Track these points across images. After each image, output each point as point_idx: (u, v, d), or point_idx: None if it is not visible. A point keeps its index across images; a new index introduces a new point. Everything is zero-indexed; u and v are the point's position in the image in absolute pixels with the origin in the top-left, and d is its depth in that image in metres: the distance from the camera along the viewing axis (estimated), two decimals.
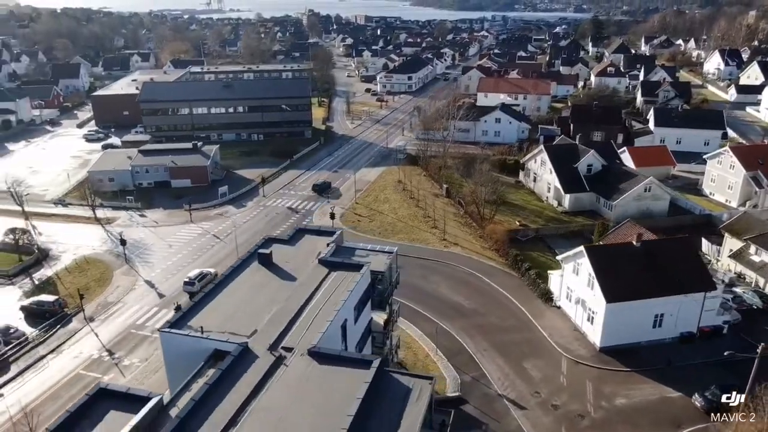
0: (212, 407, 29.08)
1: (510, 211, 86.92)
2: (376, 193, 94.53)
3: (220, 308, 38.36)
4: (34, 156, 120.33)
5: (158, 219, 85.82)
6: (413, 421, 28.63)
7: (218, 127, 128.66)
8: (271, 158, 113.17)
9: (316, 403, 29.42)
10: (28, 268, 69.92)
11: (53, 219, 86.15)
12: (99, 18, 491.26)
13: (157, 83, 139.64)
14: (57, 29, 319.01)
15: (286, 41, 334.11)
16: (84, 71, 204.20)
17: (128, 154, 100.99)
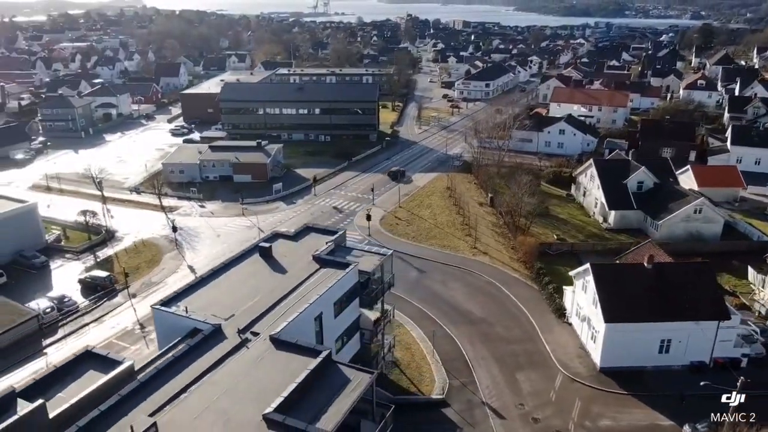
0: (171, 376, 33.08)
1: (552, 224, 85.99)
2: (422, 198, 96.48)
3: (210, 292, 42.61)
4: (125, 147, 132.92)
5: (214, 210, 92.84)
6: (341, 408, 31.06)
7: (289, 127, 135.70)
8: (331, 159, 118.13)
9: (260, 382, 32.59)
10: (95, 246, 78.56)
11: (126, 204, 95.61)
12: (210, 20, 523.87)
13: (237, 84, 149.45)
14: (169, 30, 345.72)
15: (379, 45, 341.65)
16: (184, 70, 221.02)
17: (200, 149, 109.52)
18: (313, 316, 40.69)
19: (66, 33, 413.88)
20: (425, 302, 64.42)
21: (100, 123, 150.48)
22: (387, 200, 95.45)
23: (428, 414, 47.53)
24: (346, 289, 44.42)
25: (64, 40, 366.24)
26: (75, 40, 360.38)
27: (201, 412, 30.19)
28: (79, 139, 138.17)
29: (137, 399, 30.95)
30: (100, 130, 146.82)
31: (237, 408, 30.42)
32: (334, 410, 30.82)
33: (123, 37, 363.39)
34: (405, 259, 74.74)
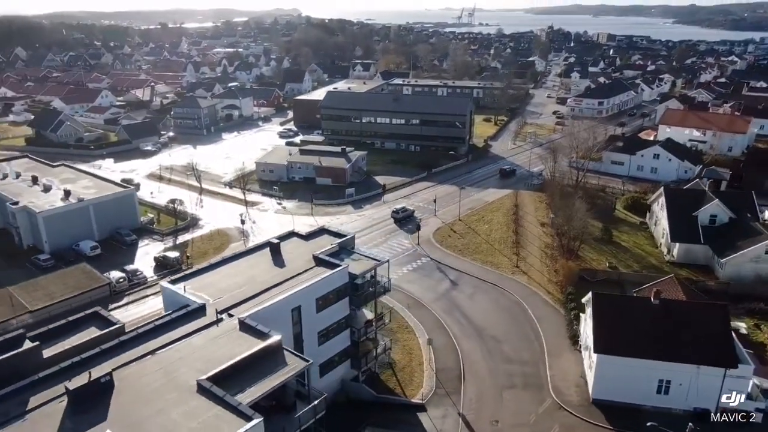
0: (147, 340, 39.61)
1: (612, 251, 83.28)
2: (485, 213, 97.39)
3: (214, 276, 49.07)
4: (236, 145, 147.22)
5: (289, 208, 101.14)
6: (265, 386, 35.44)
7: (382, 136, 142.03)
8: (413, 169, 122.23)
9: (212, 354, 37.95)
10: (178, 231, 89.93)
11: (217, 196, 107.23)
12: (351, 29, 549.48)
13: (339, 92, 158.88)
14: (307, 39, 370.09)
15: (507, 58, 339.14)
16: (309, 77, 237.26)
17: (290, 152, 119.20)
18: (290, 307, 45.38)
19: (222, 39, 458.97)
20: (445, 312, 66.54)
21: (222, 122, 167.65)
22: (449, 212, 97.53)
23: (402, 415, 50.28)
24: (332, 287, 48.62)
25: (219, 46, 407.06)
26: (227, 46, 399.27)
27: (154, 371, 36.20)
28: (201, 136, 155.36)
29: (112, 354, 37.75)
30: (220, 129, 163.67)
31: (182, 372, 35.99)
32: (259, 387, 35.29)
33: (267, 44, 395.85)
34: (443, 270, 77.14)
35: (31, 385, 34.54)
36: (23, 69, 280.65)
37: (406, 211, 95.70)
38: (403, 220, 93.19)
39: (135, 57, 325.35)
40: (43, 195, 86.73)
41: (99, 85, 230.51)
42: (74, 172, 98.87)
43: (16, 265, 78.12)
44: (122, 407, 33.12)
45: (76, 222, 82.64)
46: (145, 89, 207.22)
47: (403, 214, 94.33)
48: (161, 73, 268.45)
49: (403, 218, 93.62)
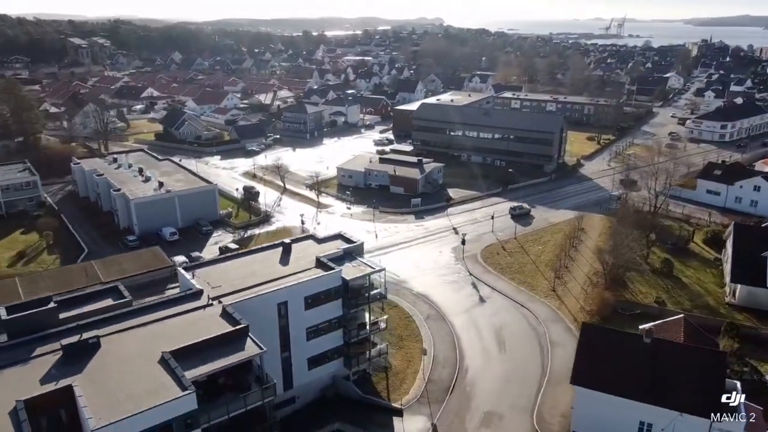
0: (143, 314, 46.51)
1: (668, 285, 78.65)
2: (543, 234, 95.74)
3: (224, 266, 55.50)
4: (332, 150, 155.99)
5: (355, 213, 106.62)
6: (220, 364, 40.54)
7: (469, 149, 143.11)
8: (490, 183, 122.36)
9: (186, 333, 43.76)
10: (250, 225, 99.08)
11: (296, 197, 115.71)
12: (485, 39, 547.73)
13: (432, 104, 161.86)
14: (434, 49, 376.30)
15: (637, 73, 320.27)
16: (421, 87, 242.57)
17: (371, 159, 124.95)
18: (277, 301, 50.28)
19: (356, 48, 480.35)
20: (462, 327, 67.88)
21: (326, 128, 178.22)
22: (509, 230, 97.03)
23: (378, 416, 53.20)
24: (323, 288, 52.81)
25: (351, 54, 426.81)
26: (359, 55, 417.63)
27: (135, 340, 42.84)
28: (303, 140, 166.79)
29: (111, 322, 45.04)
30: (323, 134, 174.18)
31: (157, 344, 42.08)
32: (211, 365, 40.46)
33: (396, 53, 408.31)
34: (477, 286, 78.06)
35: (42, 338, 42.64)
36: (175, 71, 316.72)
37: (523, 209, 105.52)
38: (520, 216, 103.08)
39: (271, 63, 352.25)
40: (141, 185, 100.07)
41: (234, 88, 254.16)
42: (174, 166, 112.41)
43: (112, 242, 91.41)
44: (97, 365, 39.96)
45: (163, 210, 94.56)
46: (268, 94, 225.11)
47: (519, 211, 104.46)
48: (290, 78, 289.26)
49: (519, 215, 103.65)
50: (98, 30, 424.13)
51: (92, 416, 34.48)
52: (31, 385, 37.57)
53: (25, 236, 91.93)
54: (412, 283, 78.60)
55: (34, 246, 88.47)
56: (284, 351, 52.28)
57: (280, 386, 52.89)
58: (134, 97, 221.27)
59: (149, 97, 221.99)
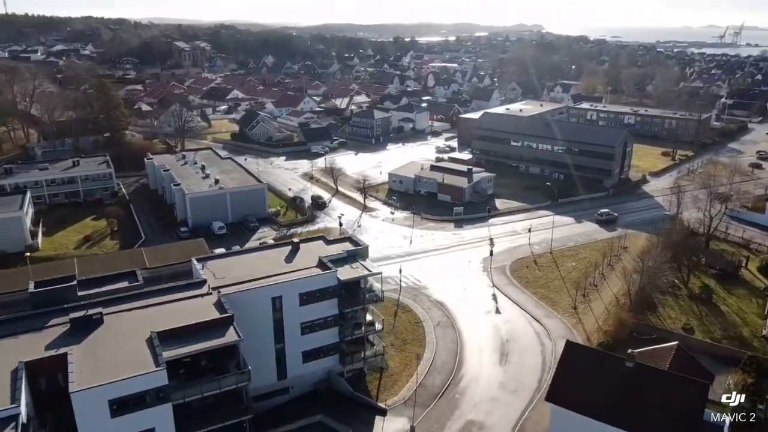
0: (149, 296, 51.69)
1: (702, 311, 75.07)
2: (581, 250, 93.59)
3: (233, 260, 60.05)
4: (393, 155, 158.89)
5: (397, 218, 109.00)
6: (197, 347, 44.68)
7: (528, 160, 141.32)
8: (542, 196, 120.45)
9: (178, 316, 48.28)
10: (294, 224, 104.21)
11: (345, 199, 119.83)
12: (579, 48, 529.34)
13: (494, 114, 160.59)
14: (521, 57, 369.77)
15: (740, 86, 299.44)
16: (497, 96, 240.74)
17: (422, 166, 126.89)
18: (271, 295, 53.87)
19: (444, 54, 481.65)
20: (468, 335, 68.62)
21: (392, 134, 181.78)
22: (545, 243, 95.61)
23: (362, 413, 55.47)
24: (318, 287, 55.83)
25: (439, 60, 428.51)
26: (446, 61, 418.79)
27: (134, 319, 47.88)
28: (368, 145, 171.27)
29: (119, 302, 50.49)
30: (389, 139, 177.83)
31: (151, 324, 46.71)
32: (190, 348, 44.63)
33: (481, 61, 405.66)
34: (496, 297, 78.13)
35: (58, 311, 48.68)
36: (265, 75, 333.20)
37: (610, 215, 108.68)
38: (607, 222, 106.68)
39: (357, 68, 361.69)
40: (200, 181, 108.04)
41: (316, 92, 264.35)
42: (234, 165, 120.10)
43: (167, 232, 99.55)
44: (95, 338, 45.27)
45: (215, 205, 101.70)
46: (344, 98, 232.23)
47: (606, 217, 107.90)
48: (371, 83, 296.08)
49: (606, 220, 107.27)
50: (201, 34, 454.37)
51: (74, 381, 39.48)
52: (36, 351, 43.32)
53: (95, 222, 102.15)
54: (432, 289, 79.94)
55: (100, 231, 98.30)
56: (278, 342, 55.74)
57: (273, 376, 56.82)
58: (221, 99, 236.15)
59: (234, 98, 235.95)
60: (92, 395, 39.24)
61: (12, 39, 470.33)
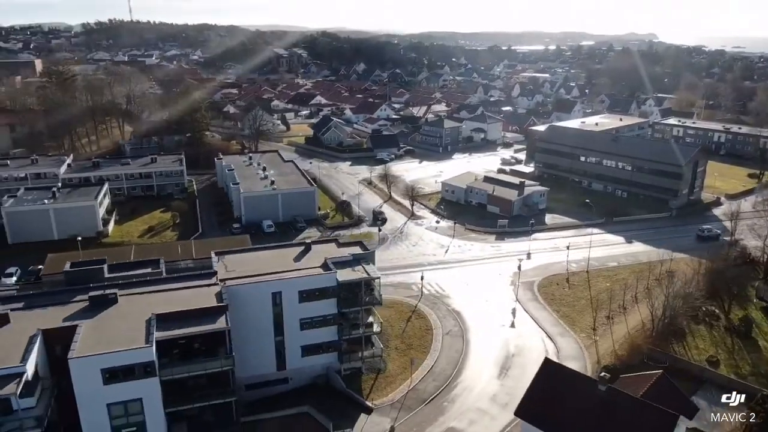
0: (163, 283, 57.64)
1: (737, 345, 71.01)
2: (620, 271, 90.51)
3: (248, 256, 65.11)
4: (457, 165, 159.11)
5: (441, 227, 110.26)
6: (186, 332, 49.62)
7: (591, 176, 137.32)
8: (595, 213, 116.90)
9: (184, 302, 53.51)
10: (340, 227, 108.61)
11: (396, 205, 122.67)
12: (690, 60, 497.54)
13: (560, 127, 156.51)
14: (617, 68, 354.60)
15: None
16: (579, 108, 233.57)
17: (476, 177, 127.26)
18: (271, 290, 57.99)
19: (538, 64, 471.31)
20: (475, 346, 69.42)
21: (461, 144, 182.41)
22: (585, 261, 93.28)
23: (348, 409, 58.28)
24: (317, 286, 59.30)
25: (533, 69, 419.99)
26: (539, 71, 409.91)
27: (143, 303, 53.69)
28: (434, 153, 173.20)
29: (135, 286, 56.77)
30: (457, 149, 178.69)
31: (156, 307, 52.26)
32: (179, 332, 49.61)
33: (575, 71, 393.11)
34: (516, 312, 77.84)
35: (84, 289, 55.58)
36: (354, 81, 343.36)
37: (712, 232, 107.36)
38: (707, 239, 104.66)
39: (444, 77, 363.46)
40: (258, 181, 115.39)
41: (399, 99, 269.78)
42: (293, 168, 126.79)
43: (223, 228, 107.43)
44: (106, 315, 51.48)
45: (267, 204, 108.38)
46: (422, 107, 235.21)
47: (707, 233, 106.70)
48: (455, 92, 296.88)
49: (707, 237, 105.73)
50: (300, 41, 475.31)
51: (74, 349, 45.50)
52: (54, 321, 50.06)
53: (162, 214, 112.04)
54: (453, 299, 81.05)
55: (163, 223, 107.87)
56: (278, 335, 59.78)
57: (273, 366, 60.98)
58: (305, 104, 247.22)
59: (317, 104, 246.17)
60: (87, 363, 45.02)
61: (135, 44, 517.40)
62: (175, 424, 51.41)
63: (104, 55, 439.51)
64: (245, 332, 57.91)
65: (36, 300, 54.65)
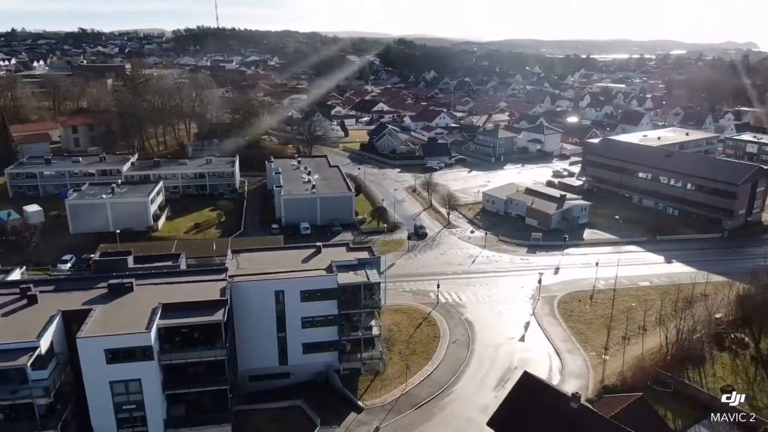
0: (178, 276, 62.47)
1: (762, 377, 67.60)
2: (650, 292, 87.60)
3: (261, 255, 68.96)
4: (506, 176, 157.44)
5: (474, 237, 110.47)
6: (186, 321, 53.85)
7: (642, 192, 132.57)
8: (642, 231, 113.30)
9: (190, 294, 57.91)
10: (375, 232, 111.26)
11: (434, 213, 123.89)
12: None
13: (612, 141, 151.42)
14: (700, 79, 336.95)
15: None
16: (647, 121, 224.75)
17: (518, 189, 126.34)
18: (273, 289, 61.42)
19: (616, 74, 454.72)
20: (479, 356, 69.94)
21: (515, 154, 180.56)
22: (616, 278, 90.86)
23: (339, 406, 60.68)
24: (318, 286, 62.18)
25: (609, 80, 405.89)
26: (616, 81, 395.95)
27: (154, 292, 58.54)
28: (486, 163, 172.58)
29: (152, 276, 61.88)
30: (510, 159, 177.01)
31: (165, 297, 56.95)
32: (179, 321, 53.88)
33: (653, 82, 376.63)
34: (528, 326, 77.52)
35: (108, 277, 61.24)
36: (420, 90, 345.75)
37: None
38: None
39: (513, 86, 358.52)
40: (301, 185, 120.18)
41: (463, 108, 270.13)
42: (336, 173, 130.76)
43: (265, 227, 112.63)
44: (120, 301, 56.72)
45: (306, 207, 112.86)
46: (483, 116, 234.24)
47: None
48: (521, 102, 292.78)
49: None
50: (373, 49, 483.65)
51: (83, 330, 50.69)
52: (74, 304, 55.70)
53: (210, 213, 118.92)
54: (468, 309, 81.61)
55: (209, 221, 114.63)
56: (280, 331, 63.11)
57: (275, 360, 64.39)
58: (367, 110, 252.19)
59: (379, 111, 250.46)
60: (92, 343, 50.11)
61: (219, 50, 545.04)
62: (174, 406, 55.75)
63: (189, 59, 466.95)
64: (250, 326, 61.91)
65: (65, 284, 60.98)
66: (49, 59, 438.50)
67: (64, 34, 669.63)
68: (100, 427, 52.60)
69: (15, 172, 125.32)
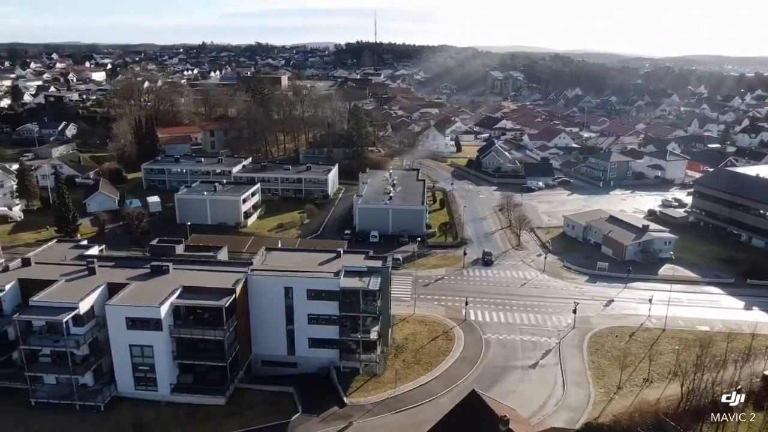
0: (208, 265, 72.42)
1: None
2: (701, 337, 79.83)
3: (286, 254, 76.89)
4: (608, 201, 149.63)
5: (537, 260, 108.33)
6: (198, 303, 63.10)
7: (751, 229, 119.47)
8: (731, 272, 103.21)
9: (211, 281, 67.23)
10: (441, 246, 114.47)
11: (509, 233, 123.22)
12: None
13: (728, 171, 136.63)
14: None
15: None
16: None
17: (602, 216, 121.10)
18: (283, 285, 68.56)
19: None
20: (480, 375, 70.84)
21: (628, 179, 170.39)
22: (671, 319, 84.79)
23: (328, 398, 65.94)
24: (321, 287, 68.13)
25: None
26: None
27: (184, 276, 68.70)
28: (592, 187, 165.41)
29: (189, 263, 72.35)
30: (620, 184, 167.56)
31: (190, 281, 66.85)
32: (195, 302, 63.15)
33: None
34: (549, 354, 76.23)
35: (155, 259, 72.86)
36: (558, 107, 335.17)
37: None
38: None
39: (662, 107, 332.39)
40: (381, 195, 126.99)
41: (597, 128, 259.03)
42: (419, 187, 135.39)
43: (338, 233, 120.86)
44: (154, 281, 67.64)
45: (378, 217, 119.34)
46: (609, 138, 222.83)
47: None
48: (664, 125, 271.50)
49: None
50: (518, 64, 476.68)
51: (113, 299, 62.00)
52: (120, 278, 67.65)
53: (296, 215, 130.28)
54: (492, 329, 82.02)
55: (293, 222, 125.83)
56: (289, 324, 70.05)
57: (284, 349, 71.47)
58: (489, 126, 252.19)
59: (501, 128, 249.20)
60: (116, 310, 61.25)
61: (373, 63, 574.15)
62: (184, 374, 65.24)
63: (343, 72, 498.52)
64: (263, 315, 69.76)
65: (123, 262, 73.71)
66: (224, 70, 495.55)
67: (244, 47, 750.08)
68: (122, 382, 63.78)
69: (149, 167, 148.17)
